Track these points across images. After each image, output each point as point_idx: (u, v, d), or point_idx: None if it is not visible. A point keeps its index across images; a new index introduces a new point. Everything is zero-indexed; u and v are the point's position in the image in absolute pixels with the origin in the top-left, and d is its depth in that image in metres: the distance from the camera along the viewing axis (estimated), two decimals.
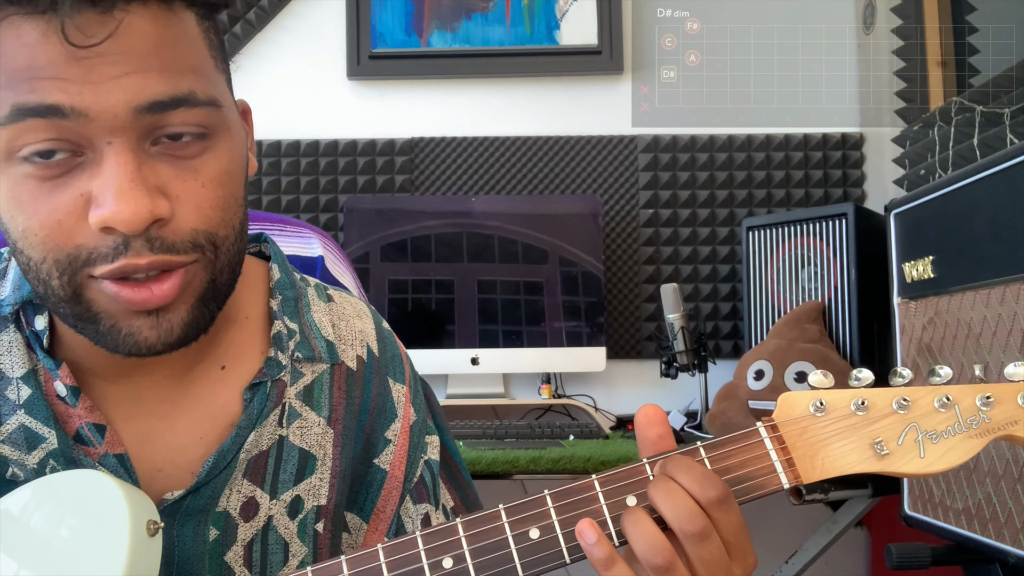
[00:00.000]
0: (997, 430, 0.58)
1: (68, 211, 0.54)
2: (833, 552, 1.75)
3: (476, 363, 1.93)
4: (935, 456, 0.58)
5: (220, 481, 0.64)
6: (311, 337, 0.71)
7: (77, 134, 0.53)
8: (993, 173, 1.12)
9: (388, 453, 0.73)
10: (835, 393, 0.60)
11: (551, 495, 0.57)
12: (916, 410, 0.58)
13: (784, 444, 0.58)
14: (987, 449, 1.11)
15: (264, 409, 0.66)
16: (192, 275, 0.57)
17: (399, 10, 2.14)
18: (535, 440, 1.66)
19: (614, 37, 2.12)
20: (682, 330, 1.82)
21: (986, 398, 0.58)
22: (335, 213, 2.10)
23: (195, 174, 0.56)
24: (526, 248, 1.96)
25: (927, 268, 1.27)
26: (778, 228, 1.82)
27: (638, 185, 2.12)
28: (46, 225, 0.54)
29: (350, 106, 2.16)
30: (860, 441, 0.58)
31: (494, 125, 2.15)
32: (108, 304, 0.56)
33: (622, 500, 0.57)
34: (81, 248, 0.54)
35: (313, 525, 0.68)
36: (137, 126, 0.53)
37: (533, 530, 0.56)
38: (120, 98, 0.52)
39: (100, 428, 0.63)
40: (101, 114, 0.52)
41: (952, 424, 0.58)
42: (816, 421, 0.59)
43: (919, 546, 1.26)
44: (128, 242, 0.54)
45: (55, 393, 0.63)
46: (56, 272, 0.55)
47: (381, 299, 1.92)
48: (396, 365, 0.77)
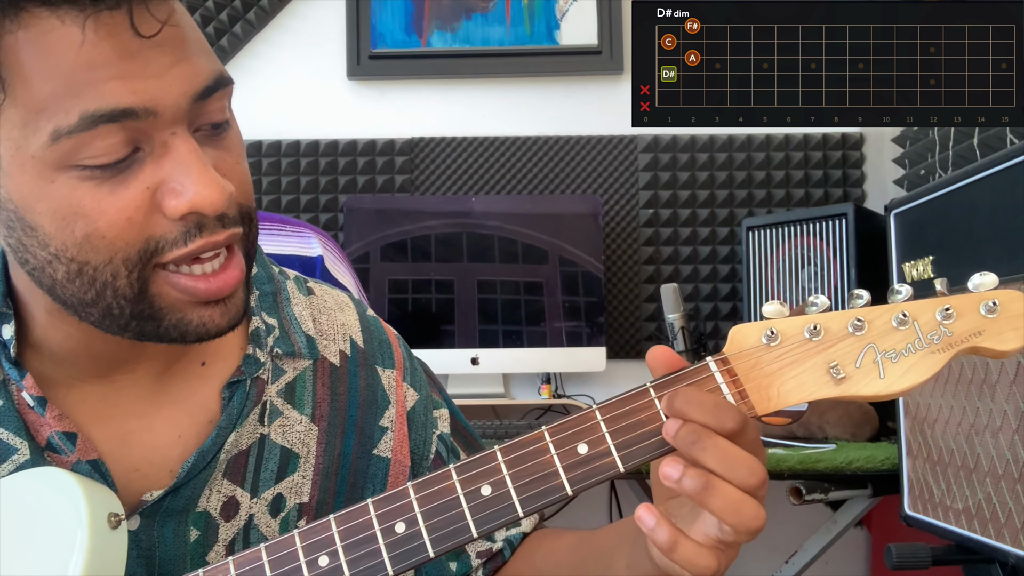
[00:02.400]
0: (960, 343, 0.54)
1: (139, 207, 0.53)
2: (833, 552, 1.75)
3: (476, 363, 1.93)
4: (896, 375, 0.54)
5: (200, 481, 0.64)
6: (291, 332, 0.70)
7: (144, 132, 0.52)
8: (993, 173, 1.12)
9: (387, 440, 0.72)
10: (787, 321, 0.56)
11: (501, 450, 0.56)
12: (873, 330, 0.55)
13: (736, 377, 0.56)
14: (987, 449, 1.11)
15: (244, 408, 0.65)
16: (241, 254, 0.59)
17: (399, 10, 2.14)
18: None
19: (614, 37, 2.12)
20: (682, 330, 1.82)
21: (946, 311, 0.55)
22: (335, 213, 2.10)
23: (230, 152, 0.58)
24: (526, 248, 1.96)
25: (927, 268, 1.26)
26: (778, 228, 1.82)
27: (638, 185, 2.12)
28: (115, 224, 0.53)
29: (350, 106, 2.16)
30: (815, 367, 0.55)
31: (494, 125, 2.15)
32: (175, 299, 0.56)
33: (573, 448, 0.55)
34: (151, 239, 0.54)
35: (295, 523, 0.67)
36: (190, 114, 0.54)
37: (485, 487, 0.55)
38: (180, 89, 0.53)
39: (71, 436, 0.61)
40: (168, 108, 0.53)
41: (912, 341, 0.54)
42: (769, 351, 0.56)
43: (919, 546, 1.26)
44: (202, 223, 0.55)
45: (26, 404, 0.62)
46: (124, 270, 0.54)
47: (381, 299, 1.92)
48: (384, 351, 0.76)
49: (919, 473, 1.30)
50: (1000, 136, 1.53)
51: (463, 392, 1.95)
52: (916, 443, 1.30)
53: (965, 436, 1.16)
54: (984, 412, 1.11)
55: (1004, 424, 1.08)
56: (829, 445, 1.52)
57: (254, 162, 2.11)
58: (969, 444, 1.15)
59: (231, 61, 2.12)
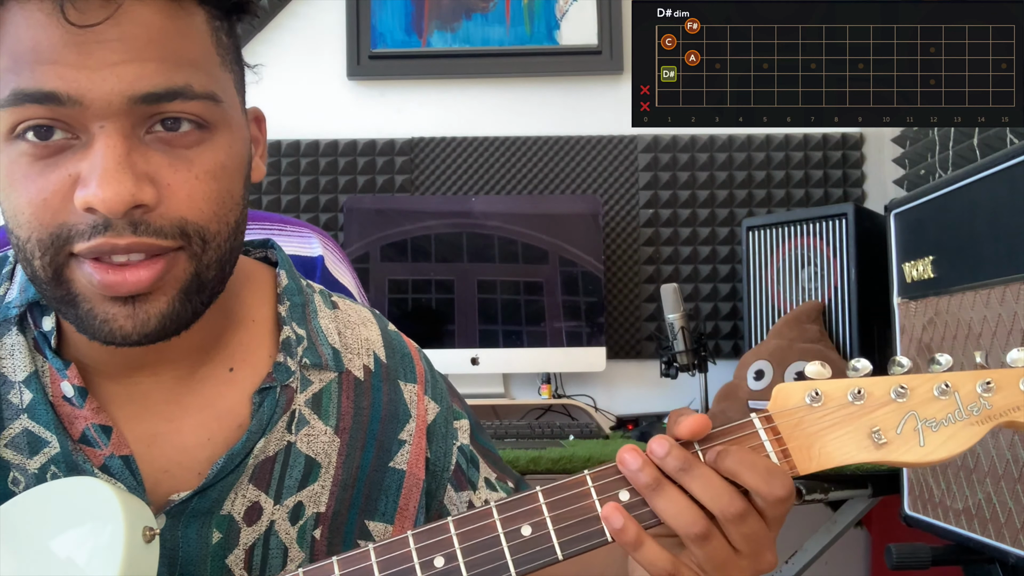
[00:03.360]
0: (998, 416, 0.56)
1: (55, 190, 0.54)
2: (833, 552, 1.75)
3: (476, 363, 1.93)
4: (935, 444, 0.56)
5: (226, 484, 0.64)
6: (318, 344, 0.71)
7: (72, 118, 0.54)
8: (993, 173, 1.12)
9: (404, 453, 0.73)
10: (831, 383, 0.58)
11: (543, 492, 0.56)
12: (915, 398, 0.57)
13: (779, 435, 0.57)
14: (987, 449, 1.11)
15: (274, 415, 0.66)
16: (174, 264, 0.57)
17: (399, 10, 2.14)
18: (535, 440, 1.66)
19: (614, 37, 2.12)
20: (682, 330, 1.82)
21: (986, 384, 0.56)
22: (335, 213, 2.10)
23: (189, 164, 0.57)
24: (526, 248, 1.96)
25: (927, 268, 1.27)
26: (778, 228, 1.82)
27: (638, 185, 2.12)
28: (33, 203, 0.55)
29: (350, 106, 2.16)
30: (857, 431, 0.57)
31: (494, 125, 2.15)
32: (85, 287, 0.56)
33: (614, 495, 0.56)
34: (63, 226, 0.55)
35: (311, 531, 0.68)
36: (131, 114, 0.54)
37: (525, 527, 0.56)
38: (115, 86, 0.53)
39: (106, 429, 0.62)
40: (95, 101, 0.53)
41: (952, 411, 0.56)
42: (812, 411, 0.57)
43: (919, 546, 1.26)
44: (109, 223, 0.54)
45: (60, 395, 0.63)
46: (39, 251, 0.56)
47: (381, 299, 1.92)
48: (406, 365, 0.76)
49: (919, 473, 1.30)
50: (1000, 136, 1.53)
51: (463, 392, 1.94)
52: None
53: None
54: None
55: None
56: None
57: None
58: None
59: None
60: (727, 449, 0.56)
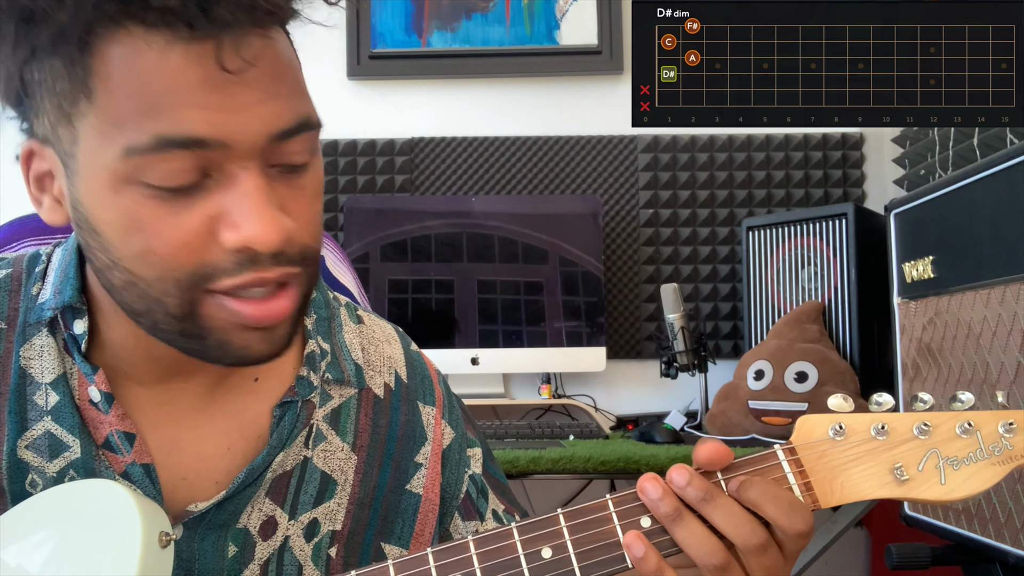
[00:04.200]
0: (1020, 457, 0.57)
1: (195, 231, 0.53)
2: (833, 552, 1.75)
3: (476, 363, 1.93)
4: (956, 483, 0.57)
5: (244, 497, 0.64)
6: (341, 359, 0.71)
7: (214, 162, 0.53)
8: (993, 173, 1.12)
9: (420, 477, 0.73)
10: (855, 417, 0.59)
11: (564, 515, 0.57)
12: (937, 435, 0.58)
13: (802, 468, 0.58)
14: None
15: (294, 429, 0.66)
16: (298, 289, 0.58)
17: (399, 10, 2.14)
18: (535, 440, 1.66)
19: (614, 37, 2.12)
20: (682, 330, 1.82)
21: (1009, 424, 0.57)
22: (335, 213, 2.10)
23: (303, 191, 0.57)
24: (526, 248, 1.96)
25: (927, 268, 1.27)
26: (778, 228, 1.82)
27: (638, 185, 2.12)
28: (171, 246, 0.53)
29: (350, 106, 2.16)
30: (880, 466, 0.57)
31: (494, 125, 2.15)
32: (223, 320, 0.56)
33: (636, 521, 0.57)
34: (205, 266, 0.54)
35: (327, 549, 0.68)
36: (268, 151, 0.54)
37: (545, 549, 0.56)
38: (258, 127, 0.53)
39: (130, 436, 0.62)
40: (241, 143, 0.52)
41: (974, 450, 0.57)
42: (835, 445, 0.58)
43: (919, 546, 1.26)
44: (256, 258, 0.54)
45: (87, 399, 0.63)
46: (175, 290, 0.55)
47: (381, 299, 1.92)
48: (426, 387, 0.77)
49: None
50: (1000, 136, 1.53)
51: (463, 392, 1.94)
52: None
53: None
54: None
55: None
56: None
57: None
58: None
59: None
60: (750, 480, 0.56)
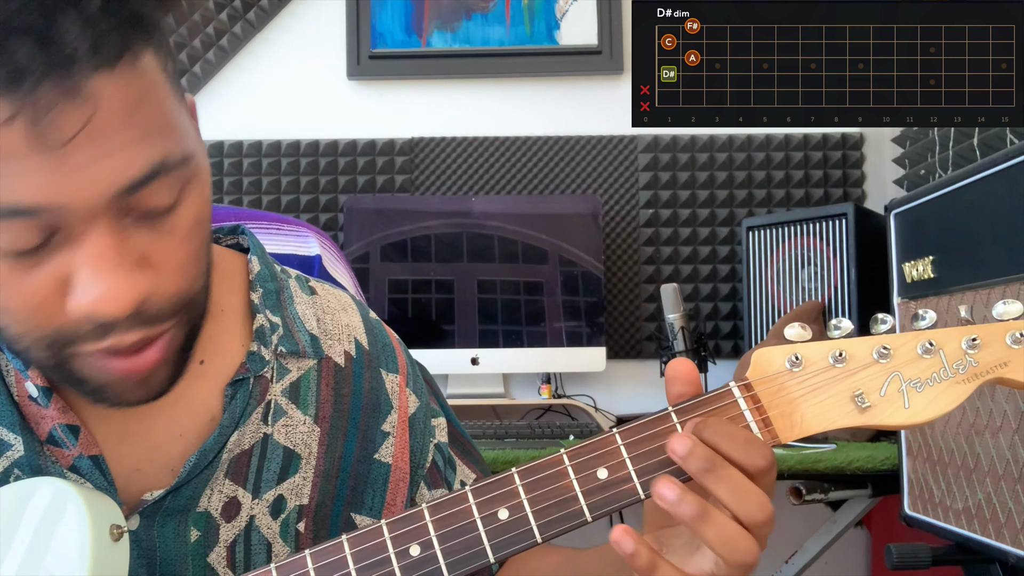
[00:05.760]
0: (985, 373, 0.54)
1: (47, 293, 0.50)
2: (833, 552, 1.75)
3: (476, 363, 1.93)
4: (921, 405, 0.53)
5: (201, 481, 0.63)
6: (295, 331, 0.69)
7: (56, 224, 0.49)
8: (993, 173, 1.12)
9: (388, 446, 0.72)
10: (812, 346, 0.56)
11: (519, 473, 0.55)
12: (898, 358, 0.54)
13: (759, 403, 0.55)
14: (987, 449, 1.11)
15: (247, 407, 0.65)
16: (173, 335, 0.56)
17: (399, 10, 2.14)
18: (535, 440, 1.66)
19: (614, 37, 2.12)
20: (682, 330, 1.82)
21: (972, 340, 0.54)
22: (335, 213, 2.10)
23: (171, 234, 0.53)
24: (526, 248, 1.96)
25: (927, 268, 1.26)
26: (778, 228, 1.82)
27: (638, 185, 2.12)
28: (26, 308, 0.51)
29: (350, 106, 2.16)
30: (840, 395, 0.54)
31: (494, 125, 2.15)
32: (96, 371, 0.54)
33: (592, 473, 0.54)
34: (63, 329, 0.52)
35: (295, 525, 0.66)
36: (115, 206, 0.50)
37: (502, 511, 0.54)
38: (100, 188, 0.48)
39: (74, 429, 0.60)
40: (80, 205, 0.48)
41: (937, 371, 0.54)
42: (793, 377, 0.55)
43: (919, 546, 1.26)
44: (110, 325, 0.51)
45: (25, 395, 0.61)
46: (43, 346, 0.53)
47: (381, 299, 1.92)
48: (388, 355, 0.75)
49: (919, 473, 1.30)
50: (1000, 136, 1.53)
51: (463, 392, 1.95)
52: (916, 443, 1.30)
53: (965, 436, 1.16)
54: (984, 412, 1.11)
55: (1004, 424, 1.08)
56: (829, 445, 1.52)
57: (254, 162, 2.11)
58: (969, 444, 1.15)
59: (231, 61, 2.12)
60: (705, 421, 0.53)
